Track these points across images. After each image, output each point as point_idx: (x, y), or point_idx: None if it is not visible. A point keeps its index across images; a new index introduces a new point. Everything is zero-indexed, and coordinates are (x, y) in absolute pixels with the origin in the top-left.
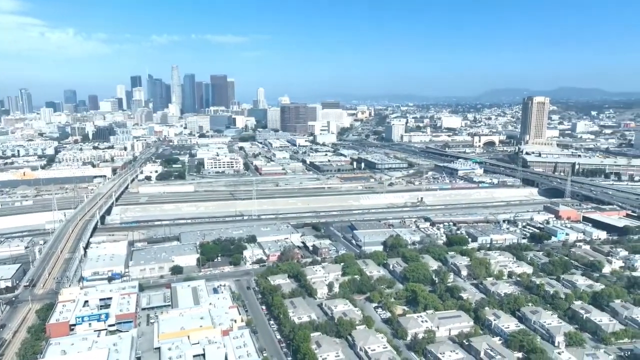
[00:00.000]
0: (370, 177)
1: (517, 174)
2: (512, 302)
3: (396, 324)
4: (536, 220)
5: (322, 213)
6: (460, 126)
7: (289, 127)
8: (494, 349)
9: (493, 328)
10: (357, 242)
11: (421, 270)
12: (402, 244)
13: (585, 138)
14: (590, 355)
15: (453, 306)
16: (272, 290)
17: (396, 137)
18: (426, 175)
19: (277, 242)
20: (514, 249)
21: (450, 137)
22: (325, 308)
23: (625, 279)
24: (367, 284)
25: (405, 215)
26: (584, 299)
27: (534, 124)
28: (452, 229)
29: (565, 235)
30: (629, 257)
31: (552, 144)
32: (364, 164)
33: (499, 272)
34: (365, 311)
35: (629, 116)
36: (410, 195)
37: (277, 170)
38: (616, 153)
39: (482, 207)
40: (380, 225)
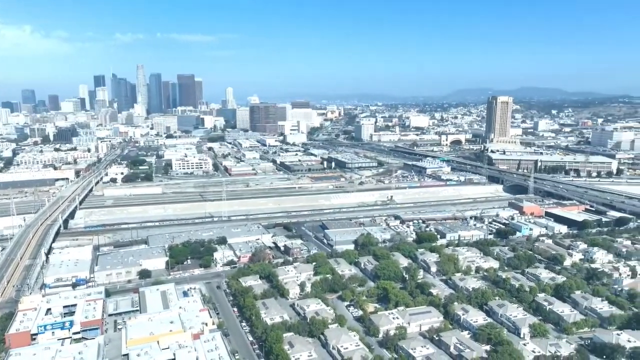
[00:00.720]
0: (340, 177)
1: (483, 171)
2: (479, 297)
3: (368, 321)
4: (501, 216)
5: (294, 213)
6: (428, 125)
7: (258, 127)
8: (463, 343)
9: (462, 322)
10: (329, 241)
11: (392, 268)
12: (373, 242)
13: (546, 136)
14: (553, 345)
15: (423, 302)
16: (244, 291)
17: (366, 137)
18: (395, 174)
19: (248, 243)
20: (481, 244)
21: (418, 136)
22: (298, 308)
23: (584, 270)
24: (339, 282)
25: (375, 213)
26: (547, 292)
27: (498, 122)
28: (421, 226)
29: (529, 231)
30: (588, 250)
31: (515, 142)
32: (334, 164)
33: (467, 267)
34: (338, 310)
35: (586, 115)
36: (380, 194)
37: (247, 170)
38: (575, 150)
39: (450, 204)
40: (351, 224)
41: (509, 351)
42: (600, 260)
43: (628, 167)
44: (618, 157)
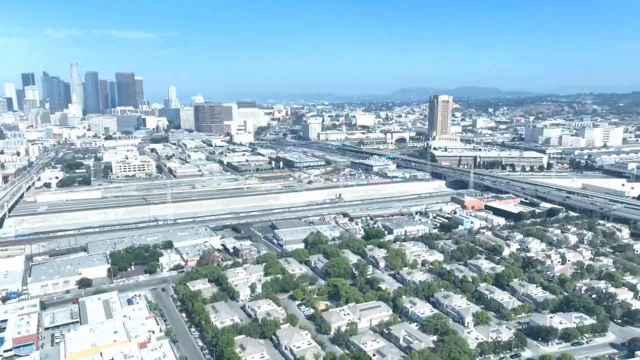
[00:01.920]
0: (289, 176)
1: (427, 168)
2: (426, 289)
3: (320, 319)
4: (445, 210)
5: (242, 214)
6: (373, 124)
7: (204, 127)
8: (411, 335)
9: (410, 315)
10: (279, 241)
11: (342, 265)
12: (323, 240)
13: (484, 133)
14: (494, 332)
15: (373, 297)
16: (192, 296)
17: (313, 136)
18: (343, 172)
19: (195, 246)
20: (426, 238)
21: (364, 134)
22: (249, 310)
23: (521, 259)
24: (290, 282)
25: (324, 212)
26: (488, 281)
27: (440, 120)
28: (369, 223)
29: (471, 223)
30: (524, 240)
31: (456, 140)
32: (282, 163)
33: (414, 261)
34: (289, 309)
35: (519, 113)
36: (329, 192)
37: (193, 171)
38: (510, 146)
39: (397, 200)
40: (300, 223)
41: (455, 340)
42: (534, 249)
43: (557, 161)
44: (548, 152)
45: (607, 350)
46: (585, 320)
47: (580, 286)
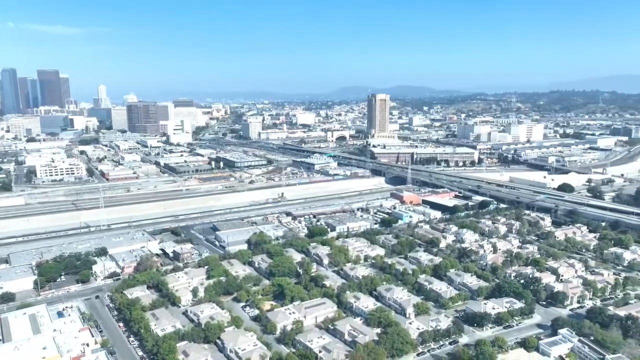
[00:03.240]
0: (230, 176)
1: (367, 165)
2: (369, 283)
3: (265, 319)
4: (385, 206)
5: (182, 216)
6: (314, 122)
7: (138, 127)
8: (356, 329)
9: (354, 309)
10: (221, 242)
11: (286, 264)
12: (266, 240)
13: (420, 131)
14: (434, 321)
15: (318, 294)
16: (130, 304)
17: (254, 135)
18: (285, 171)
19: (132, 252)
20: (368, 234)
21: (305, 133)
22: (191, 315)
23: (457, 250)
24: (234, 284)
25: (267, 211)
26: (427, 272)
27: (378, 119)
28: (312, 221)
29: (409, 218)
30: (459, 232)
31: (394, 137)
32: (222, 163)
33: (357, 257)
34: (234, 312)
35: (452, 111)
36: (271, 192)
37: (128, 174)
38: (444, 143)
39: (339, 198)
40: (243, 223)
41: (397, 331)
42: (469, 240)
43: (487, 156)
44: (479, 148)
45: (534, 331)
46: (515, 305)
47: (510, 273)
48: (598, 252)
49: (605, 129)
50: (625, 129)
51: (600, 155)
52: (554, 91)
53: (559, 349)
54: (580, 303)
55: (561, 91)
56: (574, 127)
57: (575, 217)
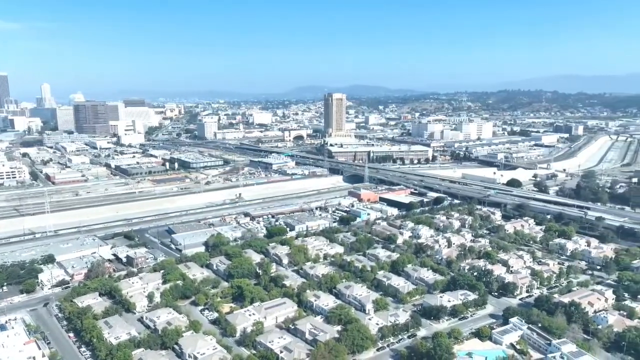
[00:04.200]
0: (185, 177)
1: (325, 164)
2: (329, 282)
3: (224, 322)
4: (343, 204)
5: (135, 220)
6: (271, 122)
7: (86, 128)
8: (317, 328)
9: (315, 308)
10: (177, 245)
11: (245, 265)
12: (224, 241)
13: (376, 129)
14: (393, 315)
15: (278, 295)
16: (81, 313)
17: (209, 135)
18: (242, 171)
19: (82, 259)
20: (326, 232)
21: (262, 132)
22: (147, 321)
23: (413, 246)
24: (191, 287)
25: (225, 212)
26: (385, 268)
27: (335, 118)
28: (271, 221)
29: (367, 215)
30: (415, 228)
31: (351, 136)
32: (177, 164)
33: (316, 255)
34: (192, 316)
35: (406, 110)
36: (229, 192)
37: (76, 177)
38: (399, 141)
39: (297, 197)
40: (200, 225)
41: (357, 328)
42: (424, 236)
43: (440, 154)
44: (432, 145)
45: (488, 321)
46: (469, 296)
47: (464, 266)
48: (544, 244)
49: (548, 126)
50: (566, 127)
51: (544, 152)
52: (501, 91)
53: (510, 337)
54: (528, 292)
55: (508, 91)
56: (521, 125)
57: (523, 210)
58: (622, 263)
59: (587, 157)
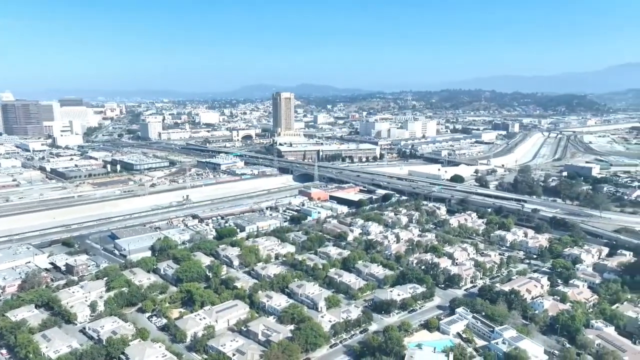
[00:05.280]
0: (129, 180)
1: (274, 163)
2: (281, 281)
3: (174, 328)
4: (294, 204)
5: (75, 226)
6: (218, 121)
7: (16, 129)
8: (269, 328)
9: (267, 309)
10: (121, 251)
11: (194, 269)
12: (172, 245)
13: (324, 128)
14: (345, 312)
15: (229, 297)
16: (15, 327)
17: (154, 135)
18: (190, 172)
19: (15, 269)
20: (277, 232)
21: (209, 132)
22: (90, 331)
23: (363, 242)
24: (137, 294)
25: (172, 215)
26: (337, 266)
27: (283, 117)
28: (220, 222)
29: (318, 214)
30: (365, 225)
31: (300, 135)
32: (120, 166)
33: (267, 256)
34: (139, 323)
35: (354, 109)
36: (176, 194)
37: (6, 182)
38: (348, 140)
39: (247, 197)
40: (145, 229)
41: (310, 326)
42: (374, 232)
43: (387, 151)
44: (380, 144)
45: (435, 312)
46: (417, 290)
47: (412, 260)
48: (486, 236)
49: (487, 124)
50: (503, 124)
51: (484, 148)
52: (444, 90)
53: (456, 326)
54: (473, 283)
55: (450, 90)
56: (462, 123)
57: (466, 205)
58: (555, 251)
59: (523, 153)
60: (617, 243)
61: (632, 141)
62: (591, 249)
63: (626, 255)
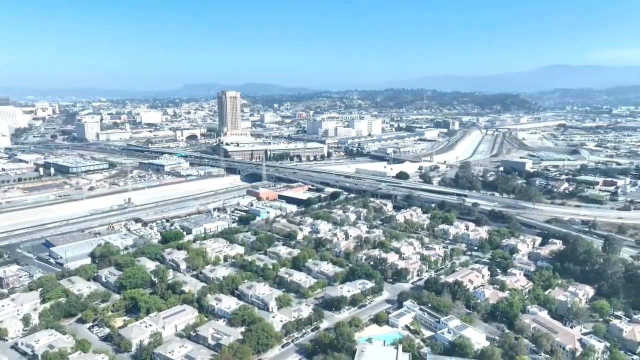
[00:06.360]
0: (64, 183)
1: (221, 164)
2: (230, 283)
3: (117, 337)
4: (242, 204)
5: (3, 234)
6: (161, 121)
7: None
8: (219, 332)
9: (217, 312)
10: (57, 259)
11: (138, 274)
12: (114, 251)
13: (272, 127)
14: (296, 311)
15: (176, 302)
16: None
17: (91, 136)
18: (131, 174)
19: None
20: (226, 233)
21: (152, 132)
22: (24, 347)
23: (313, 241)
24: (77, 304)
25: (113, 219)
26: (287, 265)
27: (230, 116)
28: (165, 225)
29: (267, 214)
30: (314, 223)
31: (247, 134)
32: (54, 169)
33: (216, 258)
34: (79, 335)
35: (301, 108)
36: (117, 198)
37: None
38: (296, 139)
39: (193, 199)
40: (84, 235)
41: (262, 327)
42: (323, 230)
43: (335, 150)
44: (327, 142)
45: (384, 306)
46: (367, 285)
47: (361, 256)
48: (430, 230)
49: (430, 122)
50: (445, 122)
51: (427, 146)
52: (388, 89)
53: (404, 319)
54: (419, 276)
55: (394, 89)
56: (406, 121)
57: (411, 201)
58: (494, 242)
59: (463, 150)
60: (549, 232)
61: (559, 137)
62: (526, 239)
63: (556, 243)
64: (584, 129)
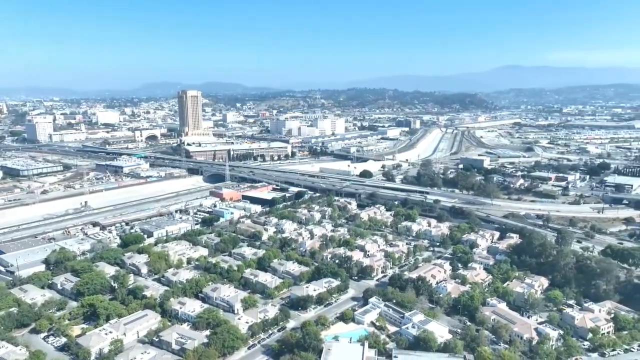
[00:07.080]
0: (14, 187)
1: (182, 164)
2: (194, 286)
3: (75, 346)
4: (205, 205)
5: None
6: (119, 121)
7: None
8: (184, 336)
9: (181, 316)
10: (8, 267)
11: (97, 280)
12: (70, 256)
13: (234, 127)
14: (262, 312)
15: (138, 307)
16: None
17: (43, 137)
18: (88, 176)
19: None
20: (189, 235)
21: (109, 133)
22: None
23: (278, 241)
24: (30, 313)
25: (68, 224)
26: (252, 266)
27: (191, 116)
28: (125, 228)
29: (231, 215)
30: (279, 223)
31: (209, 134)
32: (2, 172)
33: (179, 261)
34: (33, 346)
35: (264, 107)
36: (72, 201)
37: None
38: (259, 138)
39: (154, 201)
40: (37, 241)
41: (227, 329)
42: (288, 230)
43: (299, 149)
44: (291, 142)
45: (350, 304)
46: (332, 284)
47: (326, 255)
48: (394, 227)
49: (392, 121)
50: (406, 121)
51: (390, 144)
52: (350, 89)
53: (370, 315)
54: (384, 273)
55: (356, 89)
56: (369, 120)
57: (375, 199)
58: (455, 238)
59: (424, 148)
60: (506, 227)
61: (515, 135)
62: (485, 234)
63: (513, 237)
64: (537, 127)
